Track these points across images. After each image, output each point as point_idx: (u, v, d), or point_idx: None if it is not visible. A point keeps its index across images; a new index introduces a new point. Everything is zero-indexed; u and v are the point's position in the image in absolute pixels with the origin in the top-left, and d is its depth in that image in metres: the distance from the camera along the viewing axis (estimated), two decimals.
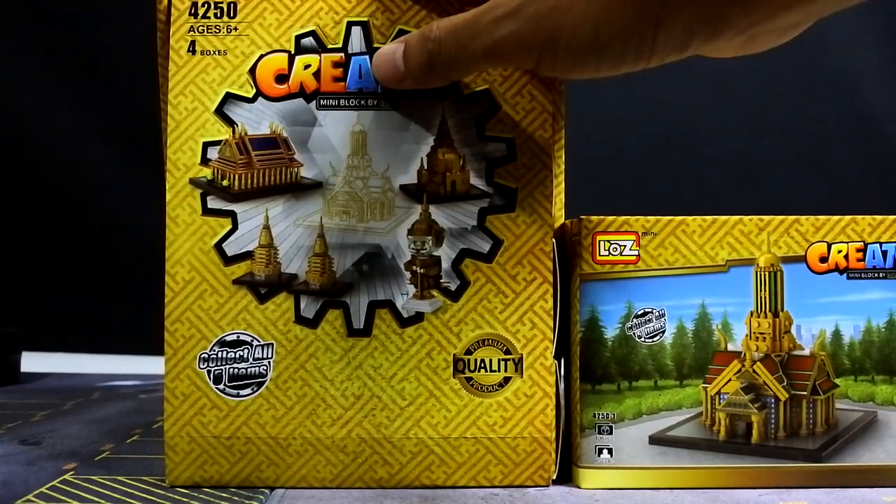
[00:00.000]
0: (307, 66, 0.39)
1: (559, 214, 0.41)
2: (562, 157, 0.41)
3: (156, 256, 0.39)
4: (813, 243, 0.39)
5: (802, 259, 0.39)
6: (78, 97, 0.95)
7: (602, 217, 0.39)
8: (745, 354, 0.39)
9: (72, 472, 0.40)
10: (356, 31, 0.39)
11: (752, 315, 0.39)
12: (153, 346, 0.41)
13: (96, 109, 0.95)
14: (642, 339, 0.39)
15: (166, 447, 0.38)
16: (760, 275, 0.39)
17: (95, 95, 0.95)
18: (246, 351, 0.38)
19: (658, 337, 0.39)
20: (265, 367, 0.38)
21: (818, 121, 0.96)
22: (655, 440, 0.39)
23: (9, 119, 0.96)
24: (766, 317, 0.39)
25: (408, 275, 0.38)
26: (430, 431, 0.38)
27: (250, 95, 0.39)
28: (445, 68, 0.36)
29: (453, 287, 0.38)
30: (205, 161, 0.38)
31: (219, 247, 0.38)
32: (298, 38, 0.39)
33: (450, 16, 0.35)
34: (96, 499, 0.35)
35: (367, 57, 0.39)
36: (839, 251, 0.39)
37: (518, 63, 0.36)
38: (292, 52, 0.39)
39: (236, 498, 0.36)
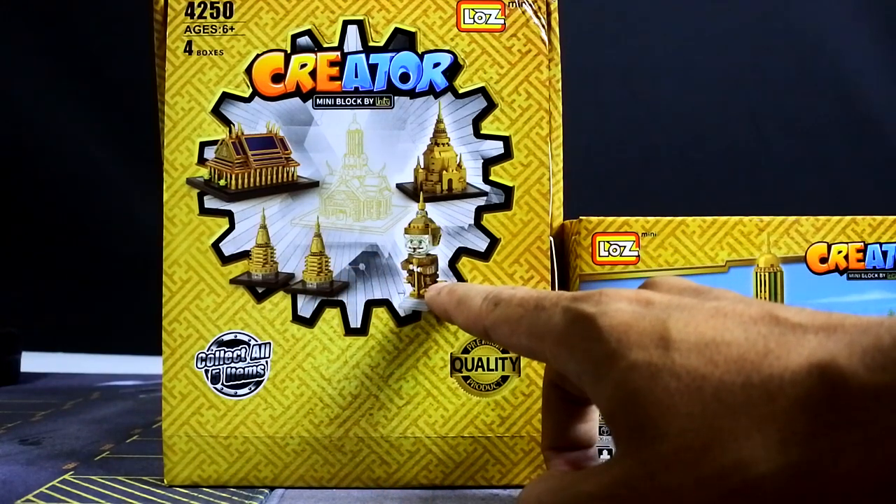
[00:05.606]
0: (303, 66, 0.39)
1: (558, 214, 0.41)
2: (560, 155, 0.41)
3: (156, 256, 0.39)
4: (813, 244, 0.39)
5: (802, 259, 0.39)
6: (78, 97, 0.95)
7: (602, 217, 0.39)
8: None
9: (72, 472, 0.40)
10: (352, 30, 0.39)
11: None
12: (153, 346, 0.41)
13: (96, 109, 0.95)
14: None
15: (164, 447, 0.38)
16: (760, 275, 0.39)
17: (95, 95, 0.95)
18: (243, 350, 0.38)
19: None
20: (262, 367, 0.38)
21: (818, 121, 0.96)
22: None
23: (8, 119, 0.96)
24: None
25: (405, 273, 0.38)
26: (427, 430, 0.38)
27: (247, 95, 0.39)
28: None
29: None
30: (202, 161, 0.38)
31: (216, 246, 0.38)
32: (294, 37, 0.39)
33: None
34: (96, 499, 0.35)
35: (362, 55, 0.39)
36: (839, 251, 0.39)
37: None
38: (288, 51, 0.39)
39: (236, 498, 0.36)
